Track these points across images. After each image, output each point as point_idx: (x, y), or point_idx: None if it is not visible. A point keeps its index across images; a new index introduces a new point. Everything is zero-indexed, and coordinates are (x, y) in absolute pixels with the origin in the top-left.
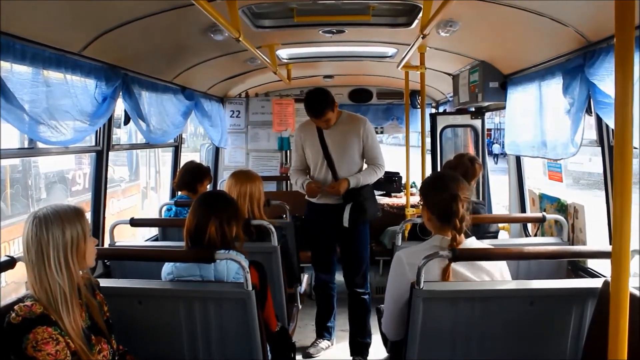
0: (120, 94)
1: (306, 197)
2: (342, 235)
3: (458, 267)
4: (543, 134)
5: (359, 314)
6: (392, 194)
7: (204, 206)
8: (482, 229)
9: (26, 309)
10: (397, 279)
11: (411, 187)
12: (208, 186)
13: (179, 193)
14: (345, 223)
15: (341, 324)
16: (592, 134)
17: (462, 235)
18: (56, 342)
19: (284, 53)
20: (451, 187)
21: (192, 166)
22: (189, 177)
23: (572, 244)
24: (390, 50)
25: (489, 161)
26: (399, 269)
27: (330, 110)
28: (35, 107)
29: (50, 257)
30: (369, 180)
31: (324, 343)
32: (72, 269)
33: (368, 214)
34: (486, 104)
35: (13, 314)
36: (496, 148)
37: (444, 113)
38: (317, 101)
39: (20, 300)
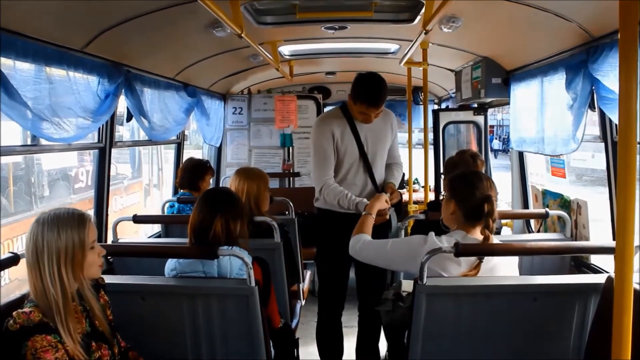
0: (123, 90)
1: (319, 205)
2: None
3: (485, 266)
4: (545, 129)
5: (374, 337)
6: None
7: (210, 203)
8: None
9: (24, 316)
10: (410, 245)
11: (414, 183)
12: (210, 180)
13: (181, 190)
14: (394, 229)
15: (346, 320)
16: (596, 130)
17: (492, 235)
18: (55, 350)
19: (286, 50)
20: (484, 187)
21: (191, 165)
22: (189, 176)
23: (575, 240)
24: (392, 47)
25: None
26: (419, 240)
27: None
28: (38, 104)
29: (45, 264)
30: (399, 181)
31: None
32: (64, 280)
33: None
34: (489, 100)
35: (11, 321)
36: (496, 144)
37: (447, 109)
38: (381, 87)
39: (21, 298)
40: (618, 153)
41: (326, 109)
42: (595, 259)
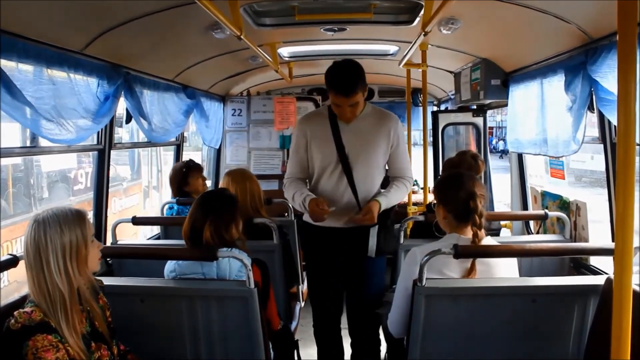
0: (122, 92)
1: (303, 218)
2: (353, 267)
3: (484, 268)
4: (545, 131)
5: (374, 340)
6: None
7: (200, 208)
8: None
9: (25, 315)
10: (410, 275)
11: (413, 185)
12: (203, 177)
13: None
14: (372, 253)
15: (345, 322)
16: (595, 131)
17: (483, 231)
18: (56, 350)
19: (285, 51)
20: (468, 185)
21: (172, 175)
22: (175, 185)
23: (575, 242)
24: (391, 48)
25: (494, 158)
26: (412, 265)
27: (362, 90)
28: (42, 105)
29: (50, 261)
30: (399, 200)
31: None
32: (71, 274)
33: (393, 241)
34: (488, 101)
35: (12, 320)
36: (501, 144)
37: (446, 111)
38: (348, 74)
39: (21, 300)
40: (617, 154)
41: None
42: (594, 261)
